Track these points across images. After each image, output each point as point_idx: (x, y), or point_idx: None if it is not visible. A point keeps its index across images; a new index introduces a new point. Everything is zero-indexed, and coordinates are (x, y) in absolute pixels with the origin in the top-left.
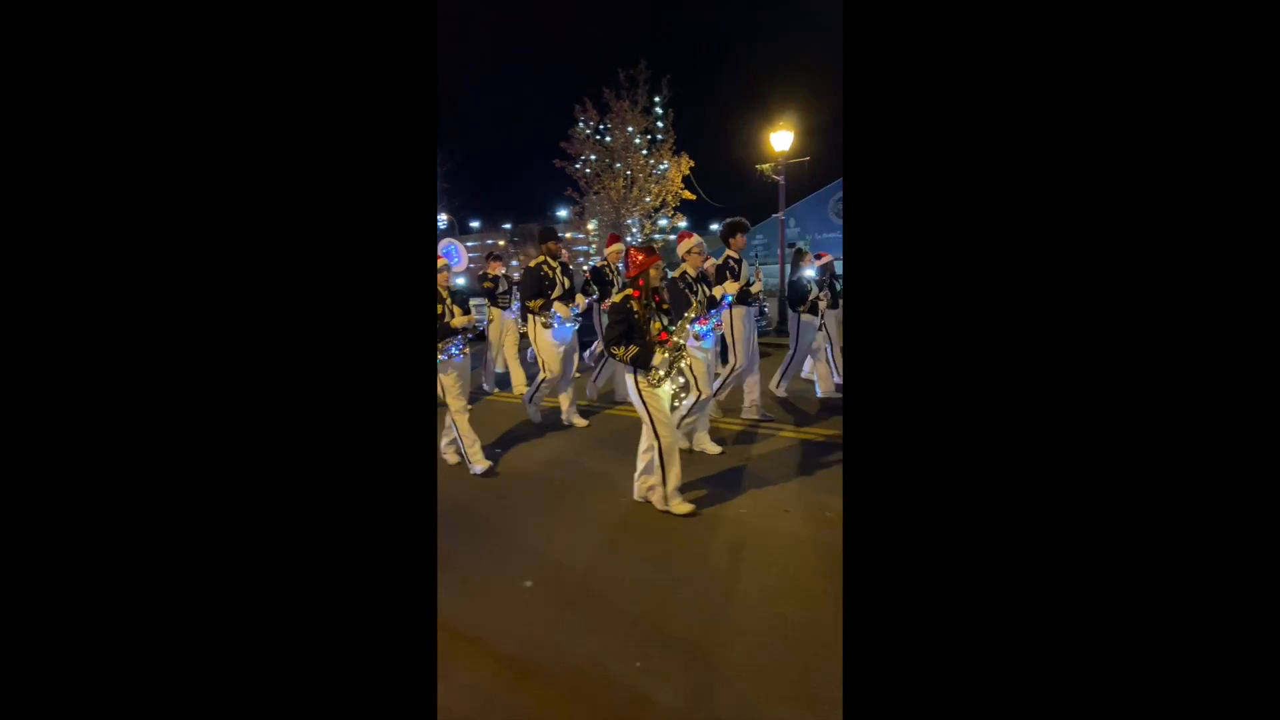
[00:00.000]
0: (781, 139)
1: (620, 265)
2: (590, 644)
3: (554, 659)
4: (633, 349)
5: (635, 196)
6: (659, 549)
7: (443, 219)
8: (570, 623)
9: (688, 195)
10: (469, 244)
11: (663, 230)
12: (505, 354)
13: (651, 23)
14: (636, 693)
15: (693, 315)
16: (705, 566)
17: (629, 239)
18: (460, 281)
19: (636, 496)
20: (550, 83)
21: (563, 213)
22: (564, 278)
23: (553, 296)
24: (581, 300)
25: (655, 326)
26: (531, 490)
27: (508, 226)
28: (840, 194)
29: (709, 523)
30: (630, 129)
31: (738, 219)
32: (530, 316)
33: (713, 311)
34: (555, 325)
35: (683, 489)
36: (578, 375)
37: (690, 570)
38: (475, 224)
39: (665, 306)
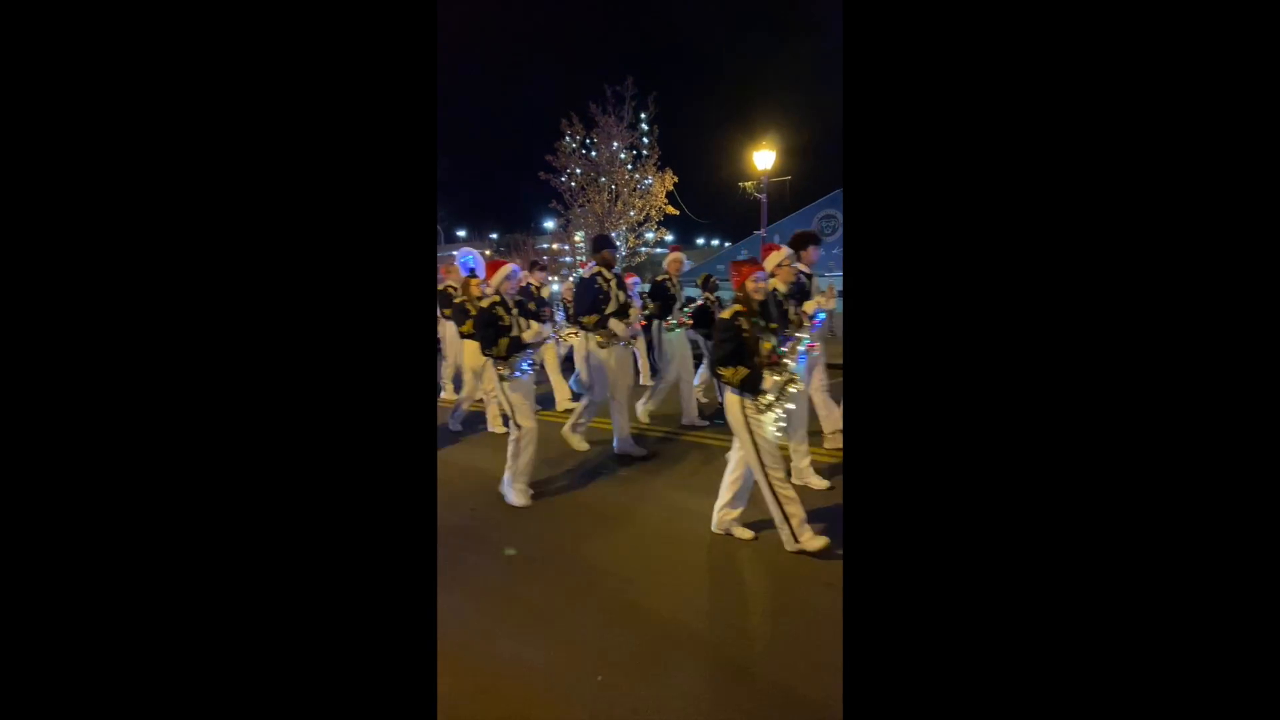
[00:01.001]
0: (764, 158)
1: (679, 278)
2: (551, 655)
3: (512, 670)
4: (742, 371)
5: (620, 210)
6: (630, 563)
7: None
8: (530, 634)
9: (671, 210)
10: (454, 252)
11: (648, 244)
12: (547, 369)
13: (637, 41)
14: (595, 705)
15: (804, 335)
16: (674, 581)
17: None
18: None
19: (716, 529)
20: (537, 97)
21: (549, 224)
22: (619, 291)
23: (607, 312)
24: (636, 314)
25: (766, 347)
26: (504, 502)
27: (494, 236)
28: (823, 212)
29: (678, 539)
30: (615, 144)
31: (809, 230)
32: (582, 333)
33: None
34: (610, 343)
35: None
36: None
37: (660, 585)
38: (461, 233)
39: (773, 325)
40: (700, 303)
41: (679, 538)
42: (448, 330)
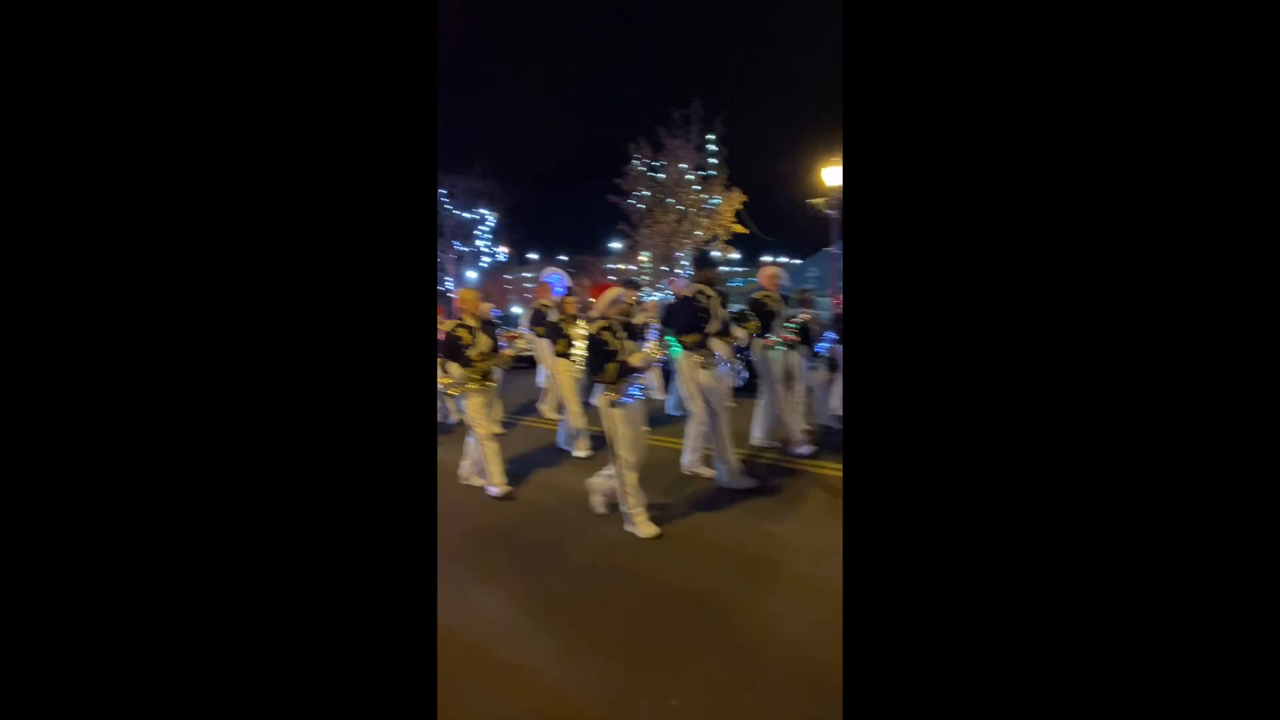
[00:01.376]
0: (834, 174)
1: (781, 293)
2: (624, 677)
3: (583, 690)
4: None
5: (686, 230)
6: (698, 586)
7: (504, 252)
8: (603, 654)
9: (739, 229)
10: (526, 274)
11: (713, 263)
12: None
13: (706, 58)
14: None
15: None
16: (745, 606)
17: (679, 272)
18: (517, 310)
19: None
20: (606, 122)
21: (616, 245)
22: (722, 310)
23: (708, 331)
24: (742, 334)
25: None
26: (579, 519)
27: (564, 258)
28: None
29: (751, 564)
30: (683, 165)
31: None
32: (685, 353)
33: None
34: (716, 364)
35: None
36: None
37: (730, 611)
38: (533, 256)
39: None
40: (802, 318)
41: (758, 560)
42: (542, 348)
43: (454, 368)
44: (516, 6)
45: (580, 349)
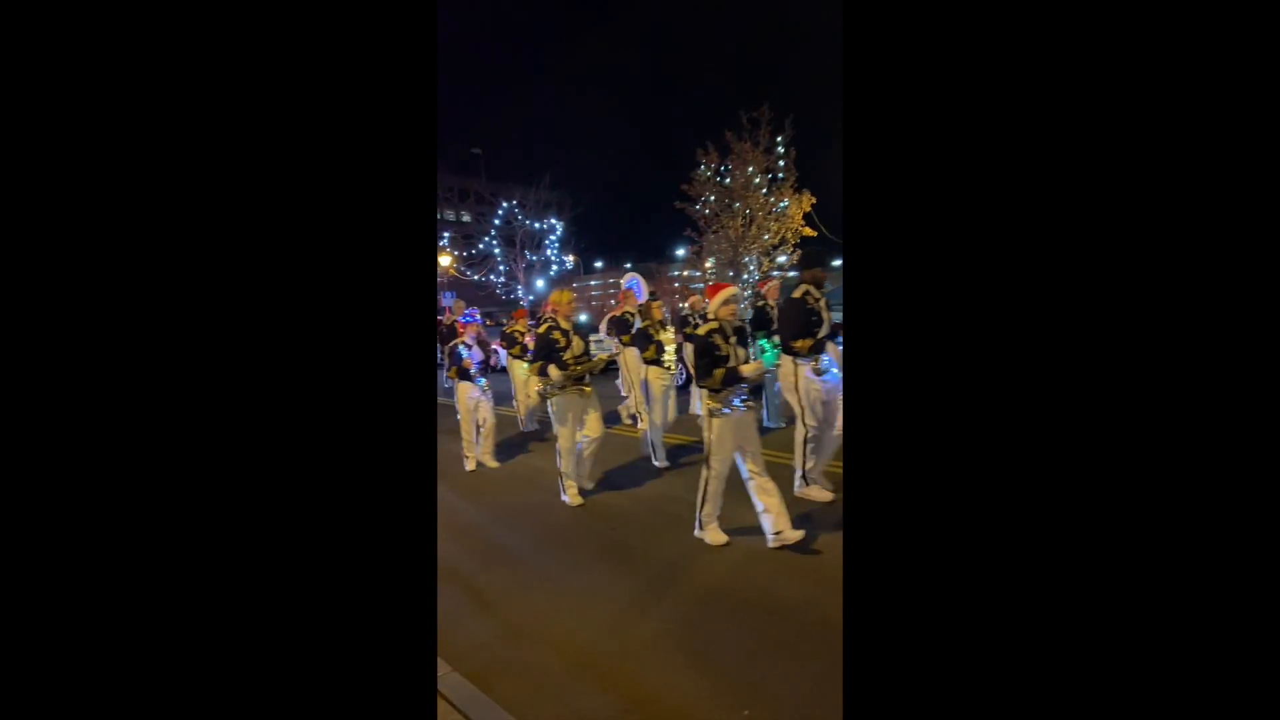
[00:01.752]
0: None
1: None
2: (698, 685)
3: (658, 697)
4: None
5: (754, 235)
6: (770, 598)
7: (569, 260)
8: (678, 663)
9: (808, 232)
10: (592, 282)
11: (781, 267)
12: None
13: (775, 61)
14: None
15: None
16: (818, 617)
17: (745, 278)
18: (583, 318)
19: None
20: (672, 128)
21: (680, 252)
22: (829, 313)
23: (820, 336)
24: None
25: None
26: (651, 524)
27: (629, 266)
28: None
29: (824, 575)
30: (750, 169)
31: None
32: (791, 359)
33: None
34: (826, 369)
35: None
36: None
37: (803, 623)
38: (599, 264)
39: None
40: None
41: (833, 571)
42: (628, 356)
43: (552, 370)
44: (582, 18)
45: (670, 355)
